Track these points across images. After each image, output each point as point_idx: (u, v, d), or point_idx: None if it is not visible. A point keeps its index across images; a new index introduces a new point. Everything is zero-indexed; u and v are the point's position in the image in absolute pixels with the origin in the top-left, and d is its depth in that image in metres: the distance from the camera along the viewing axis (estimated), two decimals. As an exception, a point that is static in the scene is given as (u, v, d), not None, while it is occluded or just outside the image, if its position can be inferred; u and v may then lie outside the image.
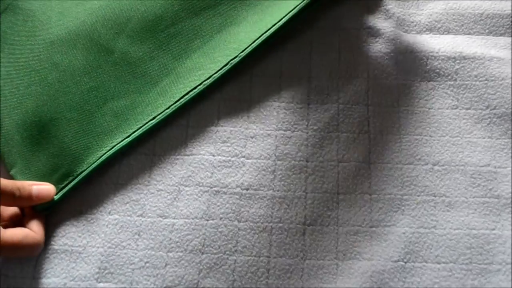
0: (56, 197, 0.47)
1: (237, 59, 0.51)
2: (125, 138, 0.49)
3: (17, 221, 0.46)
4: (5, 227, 0.45)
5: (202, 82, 0.50)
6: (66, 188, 0.48)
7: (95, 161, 0.48)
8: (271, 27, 0.51)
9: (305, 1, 0.51)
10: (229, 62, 0.51)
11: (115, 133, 0.49)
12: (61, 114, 0.50)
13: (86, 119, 0.49)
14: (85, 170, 0.48)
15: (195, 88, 0.50)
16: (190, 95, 0.50)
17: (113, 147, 0.48)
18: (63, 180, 0.48)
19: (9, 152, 0.49)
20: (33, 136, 0.49)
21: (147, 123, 0.49)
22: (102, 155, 0.48)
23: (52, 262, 0.46)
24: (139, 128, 0.49)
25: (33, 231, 0.45)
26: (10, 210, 0.47)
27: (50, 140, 0.49)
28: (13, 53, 0.53)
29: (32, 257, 0.46)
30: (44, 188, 0.46)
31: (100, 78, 0.51)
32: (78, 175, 0.48)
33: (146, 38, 0.52)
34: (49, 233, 0.47)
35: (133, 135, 0.49)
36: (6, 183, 0.44)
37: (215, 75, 0.51)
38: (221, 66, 0.51)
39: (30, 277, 0.45)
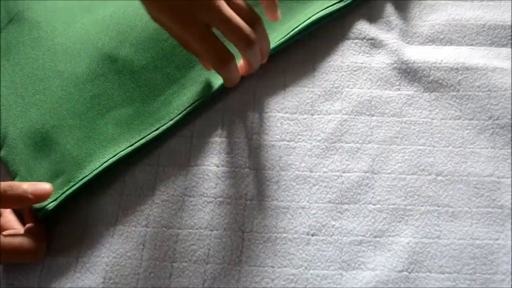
0: (56, 202, 0.47)
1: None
2: (128, 147, 0.49)
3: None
4: None
5: (205, 95, 0.51)
6: (67, 193, 0.47)
7: (97, 168, 0.48)
8: (277, 41, 0.52)
9: (311, 20, 0.52)
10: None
11: (118, 141, 0.49)
12: (63, 121, 0.50)
13: (88, 126, 0.50)
14: (86, 176, 0.48)
15: (198, 100, 0.51)
16: (194, 106, 0.50)
17: (115, 155, 0.48)
18: (64, 186, 0.48)
19: (13, 161, 0.49)
20: (36, 143, 0.49)
21: (150, 133, 0.49)
22: (105, 162, 0.48)
23: (57, 272, 0.46)
24: (142, 138, 0.49)
25: (33, 236, 0.45)
26: (11, 223, 0.47)
27: (52, 147, 0.49)
28: (18, 63, 0.53)
29: (37, 266, 0.46)
30: (39, 186, 0.45)
31: (103, 86, 0.51)
32: (79, 180, 0.48)
33: (150, 47, 0.52)
34: (54, 243, 0.47)
35: (136, 144, 0.49)
36: None
37: (215, 91, 0.51)
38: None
39: (36, 287, 0.45)
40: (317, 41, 0.54)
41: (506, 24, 0.53)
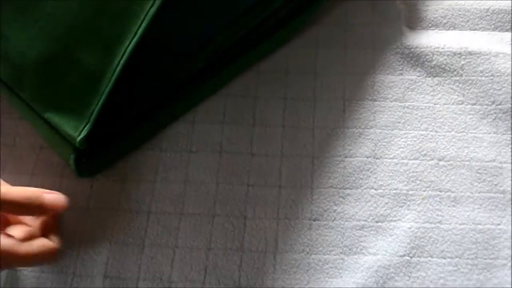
0: (90, 124, 0.44)
1: None
2: (132, 38, 0.44)
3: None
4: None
5: None
6: (97, 109, 0.44)
7: (112, 78, 0.44)
8: None
9: None
10: None
11: (123, 37, 0.45)
12: (74, 41, 0.46)
13: (98, 35, 0.46)
14: (107, 86, 0.44)
15: None
16: None
17: (124, 52, 0.44)
18: (92, 105, 0.44)
19: (36, 100, 0.47)
20: (52, 72, 0.46)
21: (148, 11, 0.44)
22: (117, 67, 0.44)
23: (59, 259, 0.46)
24: (142, 22, 0.44)
25: (49, 239, 0.44)
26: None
27: (69, 69, 0.46)
28: None
29: None
30: (56, 197, 0.44)
31: None
32: (102, 93, 0.44)
33: None
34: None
35: (138, 31, 0.44)
36: (16, 193, 0.41)
37: None
38: None
39: (38, 270, 0.46)
40: (319, 26, 0.54)
41: (509, 9, 0.53)
